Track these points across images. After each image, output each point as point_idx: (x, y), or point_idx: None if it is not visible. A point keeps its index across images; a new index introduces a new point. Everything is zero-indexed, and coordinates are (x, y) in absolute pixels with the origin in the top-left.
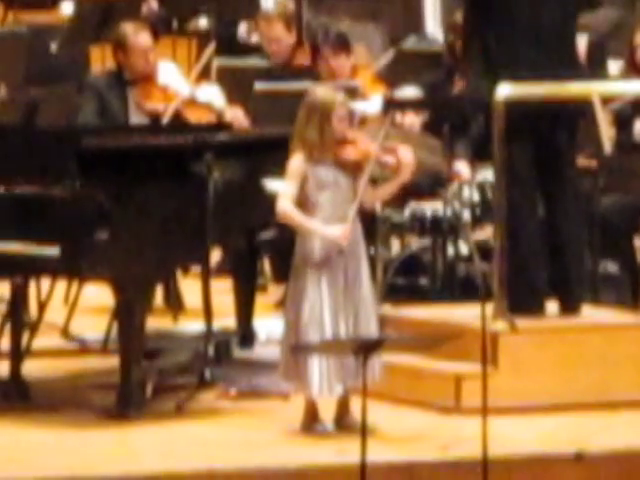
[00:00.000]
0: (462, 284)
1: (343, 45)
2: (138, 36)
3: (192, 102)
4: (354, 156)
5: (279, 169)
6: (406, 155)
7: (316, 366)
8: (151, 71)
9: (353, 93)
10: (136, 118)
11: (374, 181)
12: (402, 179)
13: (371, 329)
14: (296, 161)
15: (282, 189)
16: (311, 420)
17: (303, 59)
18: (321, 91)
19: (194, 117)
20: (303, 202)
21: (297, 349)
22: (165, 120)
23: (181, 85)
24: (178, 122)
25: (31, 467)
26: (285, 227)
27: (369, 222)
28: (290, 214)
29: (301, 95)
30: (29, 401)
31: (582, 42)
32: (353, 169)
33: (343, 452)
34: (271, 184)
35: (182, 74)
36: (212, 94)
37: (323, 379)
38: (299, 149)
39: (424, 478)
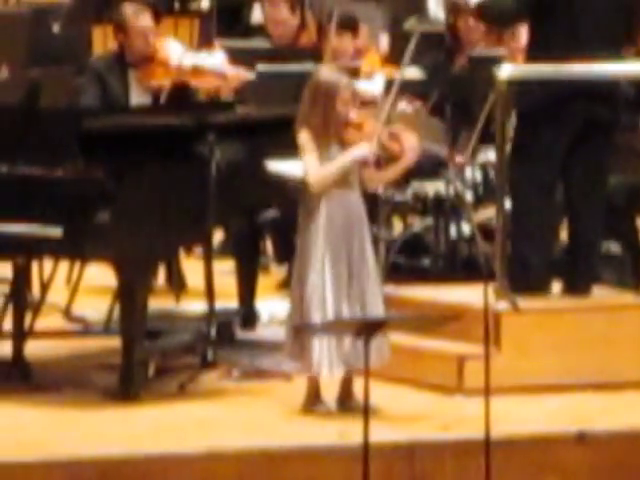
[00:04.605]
0: (464, 264)
1: (348, 25)
2: (138, 18)
3: (196, 70)
4: (358, 139)
5: (281, 150)
6: (410, 141)
7: (317, 345)
8: (151, 52)
9: (355, 73)
10: (138, 99)
11: (378, 162)
12: (405, 164)
13: (379, 309)
14: (305, 136)
15: (306, 164)
16: (313, 400)
17: (307, 41)
18: (325, 73)
19: (200, 84)
20: None
21: (301, 329)
22: (168, 91)
23: (182, 54)
24: (183, 93)
25: (33, 448)
26: (287, 207)
27: (371, 202)
28: (322, 175)
29: (303, 76)
30: (31, 382)
31: None
32: None
33: (345, 433)
34: (273, 165)
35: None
36: (215, 59)
37: (324, 358)
38: (304, 130)
39: (426, 458)
